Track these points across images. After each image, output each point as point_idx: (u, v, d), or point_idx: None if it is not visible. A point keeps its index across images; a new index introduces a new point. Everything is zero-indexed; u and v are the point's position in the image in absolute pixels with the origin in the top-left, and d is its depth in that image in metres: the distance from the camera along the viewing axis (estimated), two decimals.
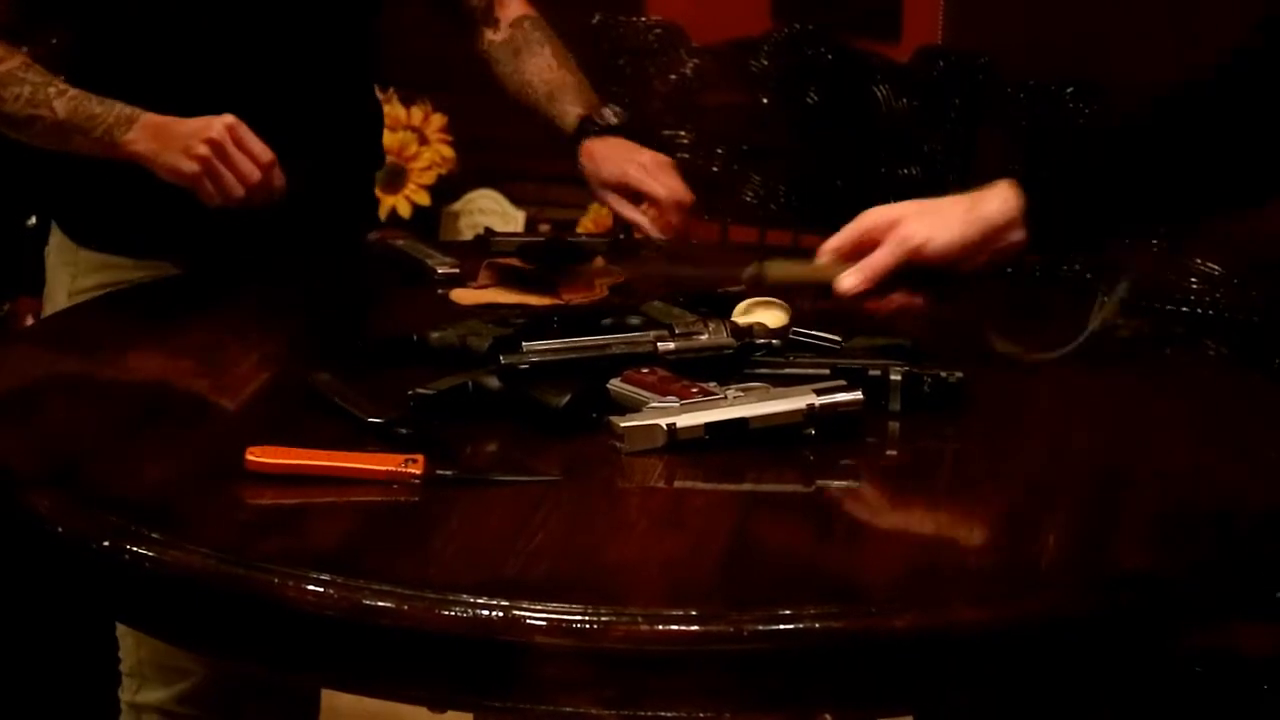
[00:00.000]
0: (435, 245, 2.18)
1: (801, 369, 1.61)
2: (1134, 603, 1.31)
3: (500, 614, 1.22)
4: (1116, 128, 1.84)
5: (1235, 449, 1.58)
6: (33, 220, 2.82)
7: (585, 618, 1.21)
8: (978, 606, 1.26)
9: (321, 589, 1.25)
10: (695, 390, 1.53)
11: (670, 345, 1.62)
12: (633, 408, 1.52)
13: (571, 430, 1.51)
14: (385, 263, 2.08)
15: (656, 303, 1.79)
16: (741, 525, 1.39)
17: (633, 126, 2.20)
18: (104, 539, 1.33)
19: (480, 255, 2.01)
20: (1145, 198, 1.69)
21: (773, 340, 1.68)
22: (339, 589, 1.24)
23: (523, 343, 1.60)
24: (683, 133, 2.58)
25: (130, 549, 1.31)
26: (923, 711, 1.33)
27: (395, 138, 3.57)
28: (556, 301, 1.89)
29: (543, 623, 1.21)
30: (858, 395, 1.53)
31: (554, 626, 1.21)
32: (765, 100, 2.56)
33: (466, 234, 3.66)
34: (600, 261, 1.99)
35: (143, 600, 1.35)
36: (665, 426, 1.48)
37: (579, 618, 1.21)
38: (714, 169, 2.58)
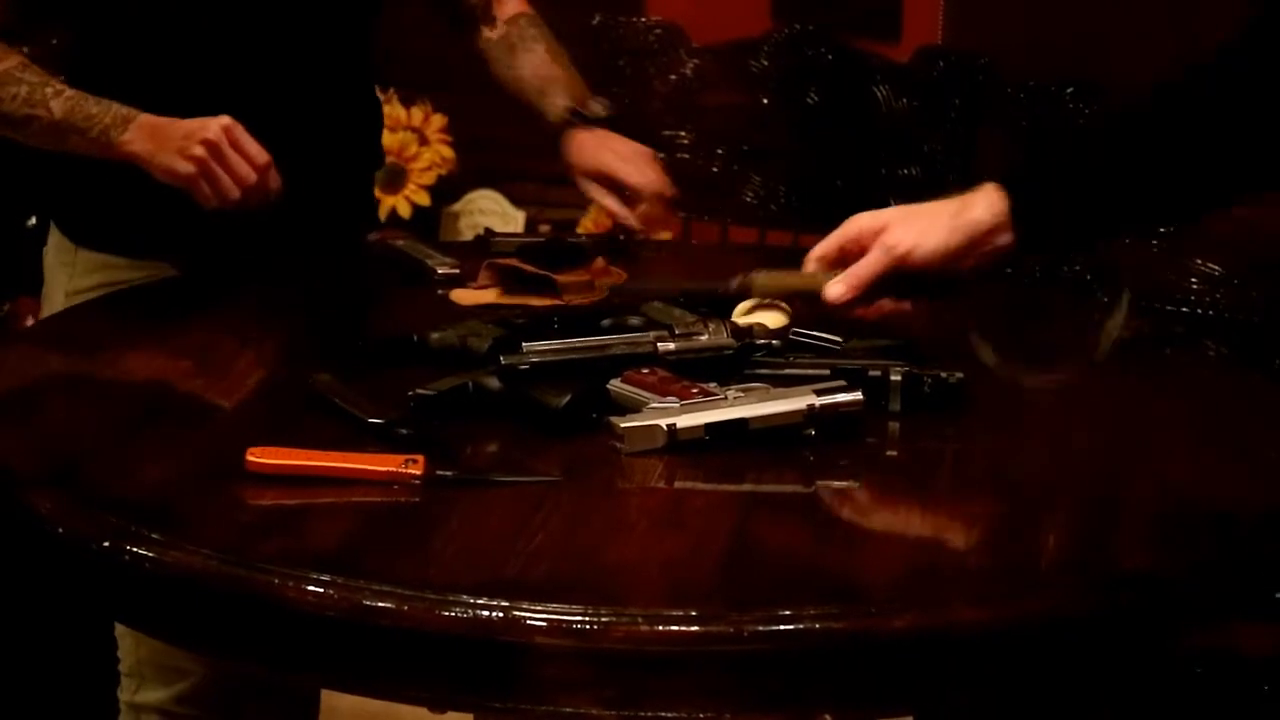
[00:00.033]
0: (435, 246, 2.18)
1: (801, 369, 1.61)
2: (1134, 603, 1.31)
3: (500, 614, 1.22)
4: (1102, 128, 1.84)
5: (1235, 449, 1.58)
6: (33, 220, 2.83)
7: (585, 618, 1.21)
8: (978, 606, 1.26)
9: (322, 589, 1.25)
10: (695, 391, 1.53)
11: (670, 346, 1.62)
12: (633, 408, 1.52)
13: (571, 431, 1.51)
14: (385, 263, 2.08)
15: (656, 303, 1.79)
16: (741, 526, 1.39)
17: (625, 122, 2.19)
18: (104, 539, 1.33)
19: (480, 256, 2.01)
20: (1133, 198, 1.68)
21: (773, 341, 1.68)
22: (339, 589, 1.24)
23: (523, 343, 1.60)
24: (683, 133, 2.58)
25: (130, 549, 1.31)
26: (923, 712, 1.33)
27: (395, 138, 3.57)
28: (557, 302, 1.89)
29: (543, 623, 1.21)
30: (858, 396, 1.52)
31: (554, 627, 1.21)
32: (765, 101, 2.56)
33: (466, 234, 3.66)
34: (600, 262, 1.99)
35: (143, 601, 1.35)
36: (665, 427, 1.48)
37: (579, 618, 1.21)
38: (714, 169, 2.58)
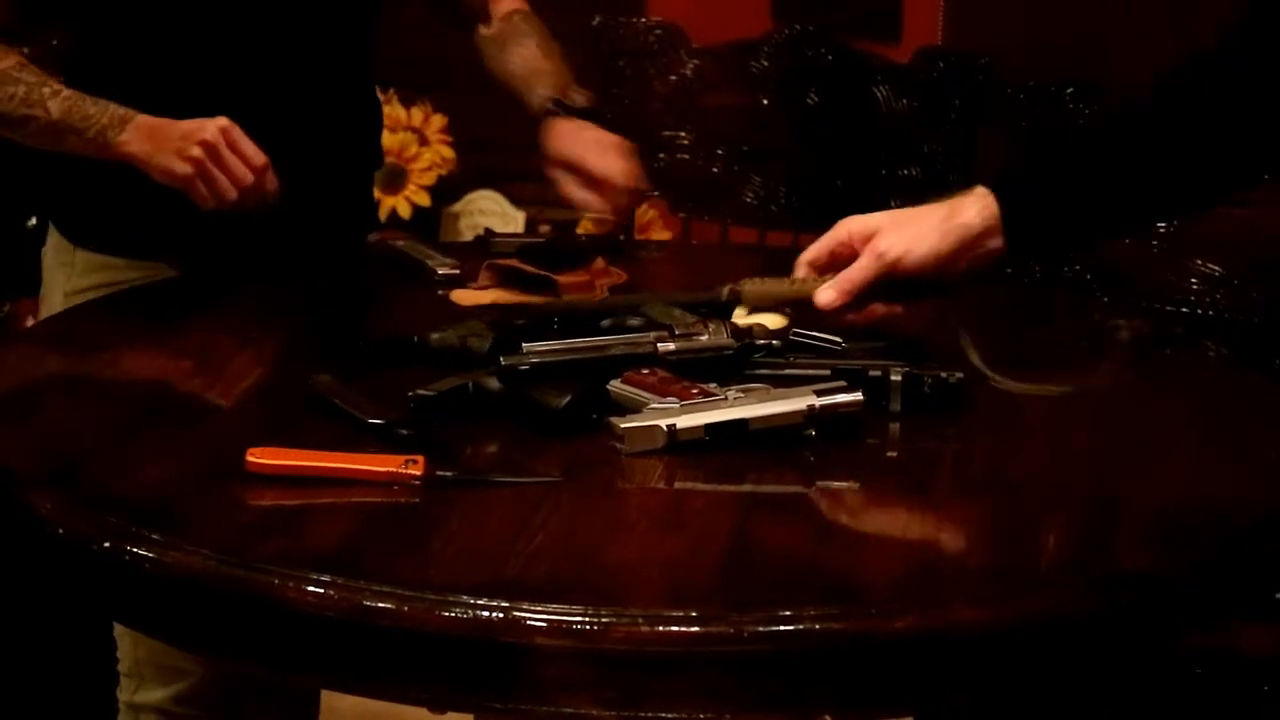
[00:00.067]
0: (435, 246, 2.18)
1: (802, 370, 1.61)
2: (1134, 603, 1.31)
3: (500, 615, 1.22)
4: (1094, 129, 1.83)
5: (1235, 449, 1.58)
6: (33, 221, 2.82)
7: (585, 619, 1.21)
8: (978, 607, 1.26)
9: (322, 590, 1.25)
10: (695, 391, 1.53)
11: (670, 346, 1.62)
12: (633, 409, 1.52)
13: (572, 431, 1.51)
14: (385, 263, 2.08)
15: (656, 303, 1.78)
16: (742, 526, 1.39)
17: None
18: (104, 540, 1.33)
19: (480, 256, 2.01)
20: (1125, 200, 1.67)
21: (773, 341, 1.68)
22: (339, 590, 1.24)
23: (523, 344, 1.60)
24: (683, 134, 2.58)
25: (130, 550, 1.31)
26: (923, 712, 1.33)
27: (395, 138, 3.57)
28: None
29: (543, 624, 1.21)
30: (858, 396, 1.52)
31: (554, 627, 1.21)
32: (765, 101, 2.56)
33: (467, 235, 3.66)
34: (600, 262, 1.99)
35: (143, 601, 1.35)
36: (665, 427, 1.48)
37: (579, 619, 1.21)
38: (714, 170, 2.58)
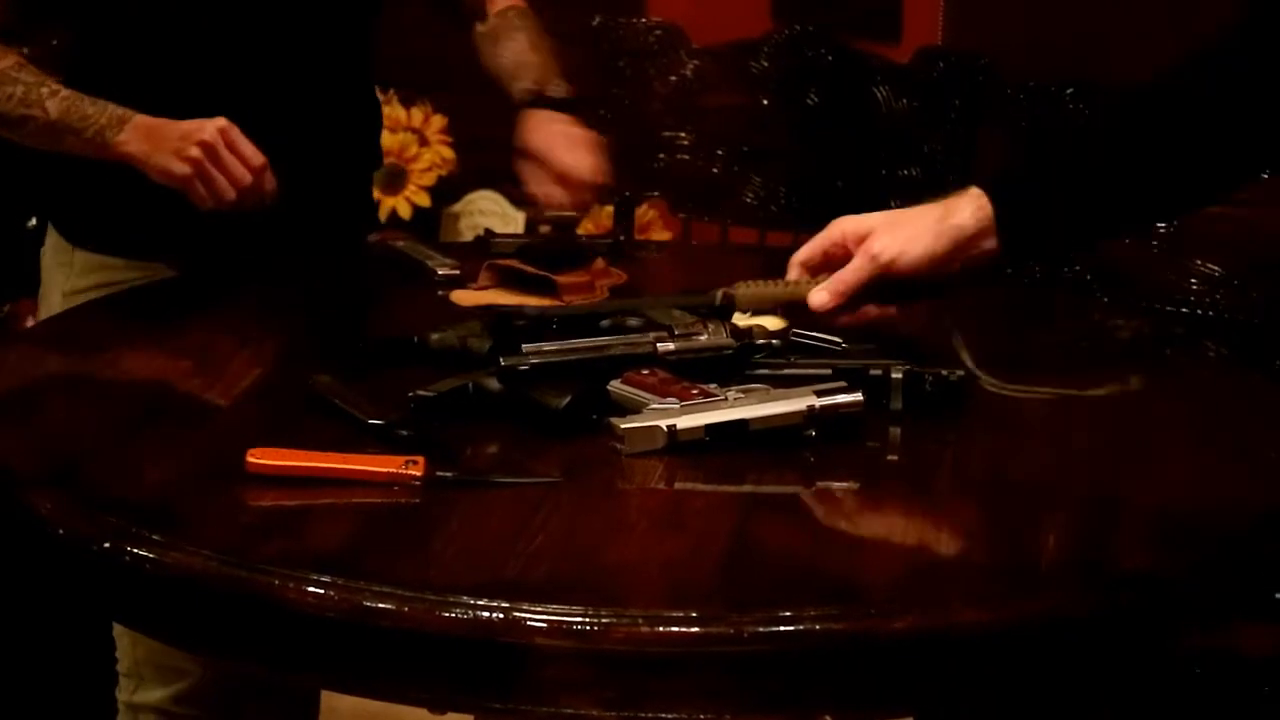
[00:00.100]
0: (435, 246, 2.18)
1: (802, 370, 1.61)
2: (1134, 603, 1.31)
3: (500, 615, 1.22)
4: (1088, 129, 1.83)
5: (1235, 449, 1.58)
6: (33, 222, 2.82)
7: (585, 619, 1.21)
8: (978, 607, 1.26)
9: (322, 591, 1.25)
10: (695, 392, 1.53)
11: (670, 346, 1.62)
12: (633, 409, 1.52)
13: (572, 432, 1.51)
14: (385, 264, 2.08)
15: (655, 303, 1.78)
16: (742, 527, 1.39)
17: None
18: (105, 540, 1.33)
19: (480, 257, 2.01)
20: (1120, 200, 1.66)
21: (773, 340, 1.68)
22: (339, 590, 1.24)
23: (522, 344, 1.60)
24: (683, 134, 2.58)
25: (131, 551, 1.31)
26: (923, 712, 1.33)
27: (395, 139, 3.57)
28: (557, 303, 1.89)
29: (543, 624, 1.21)
30: (858, 397, 1.52)
31: (554, 628, 1.21)
32: (765, 101, 2.56)
33: (467, 235, 3.66)
34: (600, 263, 1.99)
35: (143, 602, 1.35)
36: (665, 428, 1.48)
37: (579, 619, 1.21)
38: (714, 170, 2.58)
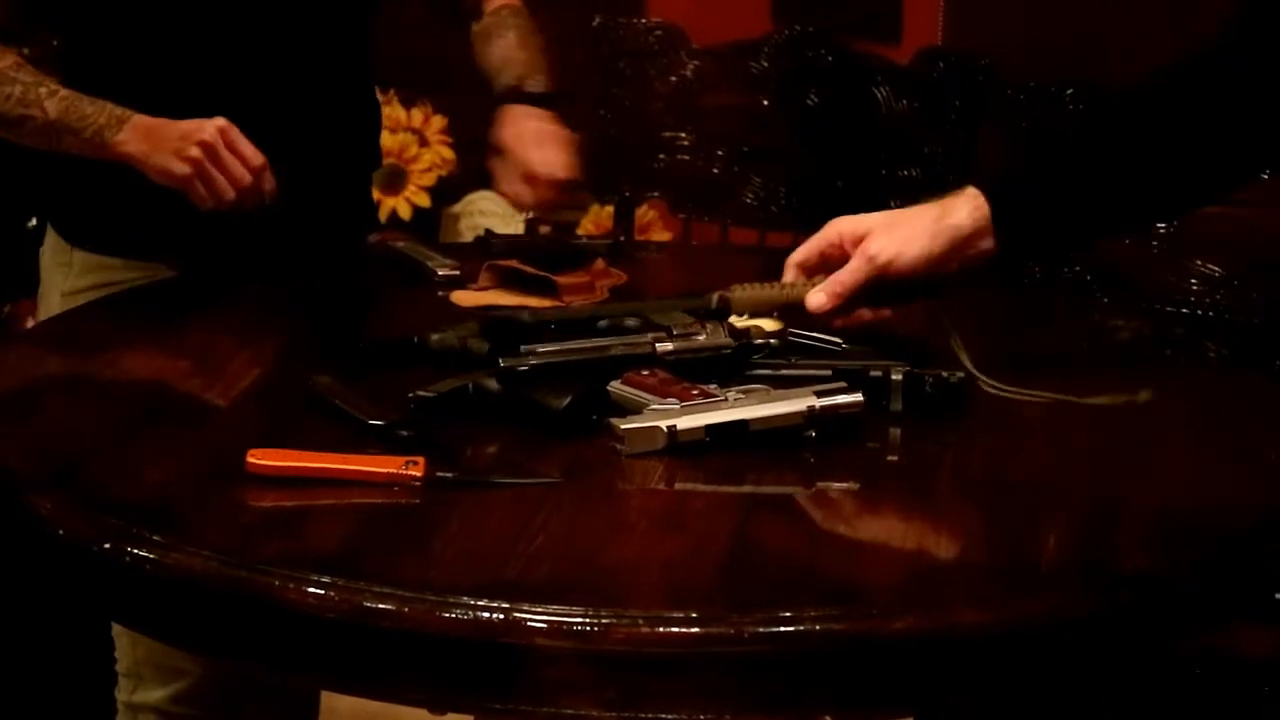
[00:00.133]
0: (435, 247, 2.18)
1: (802, 370, 1.61)
2: (1134, 603, 1.31)
3: (501, 616, 1.22)
4: (1085, 129, 1.83)
5: (1235, 449, 1.58)
6: (33, 222, 2.82)
7: (586, 620, 1.21)
8: (978, 608, 1.26)
9: (322, 591, 1.25)
10: (696, 392, 1.53)
11: (669, 346, 1.62)
12: (633, 410, 1.52)
13: (572, 432, 1.51)
14: (385, 264, 2.08)
15: (653, 304, 1.78)
16: (742, 527, 1.39)
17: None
18: (105, 541, 1.33)
19: (481, 257, 2.01)
20: (1117, 201, 1.66)
21: (772, 341, 1.68)
22: (339, 591, 1.24)
23: (522, 345, 1.60)
24: (683, 134, 2.57)
25: (131, 551, 1.31)
26: (923, 713, 1.33)
27: (395, 139, 3.56)
28: (557, 304, 1.89)
29: (543, 625, 1.21)
30: (858, 397, 1.52)
31: (554, 629, 1.21)
32: (765, 102, 2.56)
33: (467, 236, 3.65)
34: (600, 263, 1.99)
35: (143, 602, 1.35)
36: (666, 428, 1.48)
37: (579, 620, 1.21)
38: (714, 171, 2.58)
